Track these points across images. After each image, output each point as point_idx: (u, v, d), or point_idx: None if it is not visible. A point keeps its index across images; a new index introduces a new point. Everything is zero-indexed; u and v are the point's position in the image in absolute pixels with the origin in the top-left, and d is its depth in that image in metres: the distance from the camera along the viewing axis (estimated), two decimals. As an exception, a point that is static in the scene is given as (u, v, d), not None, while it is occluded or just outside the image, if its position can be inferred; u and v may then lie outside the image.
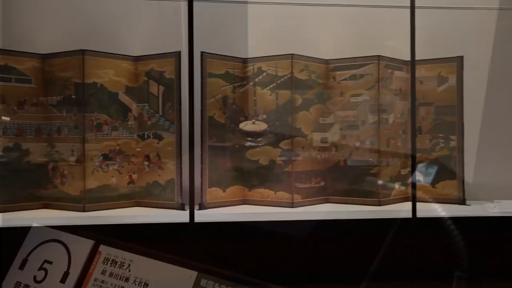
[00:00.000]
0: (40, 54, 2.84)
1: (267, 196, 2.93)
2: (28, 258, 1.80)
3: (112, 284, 1.70)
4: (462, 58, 2.98)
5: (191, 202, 2.58)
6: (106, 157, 2.81)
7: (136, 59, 2.92)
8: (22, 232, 2.43)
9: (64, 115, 2.78)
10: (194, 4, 2.61)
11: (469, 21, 3.22)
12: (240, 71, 2.99)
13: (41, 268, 1.75)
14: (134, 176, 2.91)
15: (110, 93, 2.83)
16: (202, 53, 2.81)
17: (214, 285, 1.62)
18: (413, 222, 2.66)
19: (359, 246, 2.61)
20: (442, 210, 2.85)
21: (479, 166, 3.15)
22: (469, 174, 3.00)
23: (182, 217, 2.62)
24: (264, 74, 2.95)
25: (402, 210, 2.80)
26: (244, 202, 2.99)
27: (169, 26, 3.07)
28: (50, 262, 1.76)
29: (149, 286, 1.67)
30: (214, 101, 2.89)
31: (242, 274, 2.52)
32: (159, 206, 2.83)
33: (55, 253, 1.78)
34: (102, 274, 1.73)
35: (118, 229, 2.54)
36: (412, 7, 2.71)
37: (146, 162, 2.89)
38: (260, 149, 2.95)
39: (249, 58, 3.00)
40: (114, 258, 1.72)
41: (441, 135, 3.02)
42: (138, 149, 2.91)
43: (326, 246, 2.60)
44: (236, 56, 2.99)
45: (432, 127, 3.05)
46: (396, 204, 2.99)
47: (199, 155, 2.80)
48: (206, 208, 2.81)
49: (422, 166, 3.04)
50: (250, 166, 2.97)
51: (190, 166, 2.58)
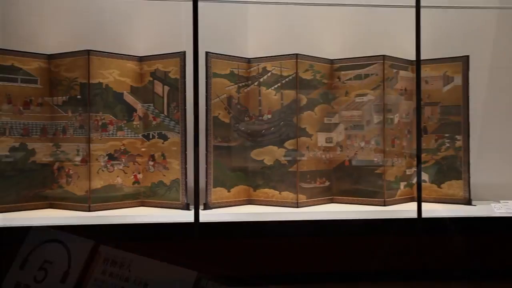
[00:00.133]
0: (46, 54, 2.86)
1: (272, 196, 2.93)
2: (28, 258, 1.80)
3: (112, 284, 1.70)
4: (467, 57, 2.96)
5: (196, 202, 2.59)
6: (111, 157, 2.82)
7: (141, 59, 2.93)
8: (27, 231, 2.47)
9: (69, 115, 2.80)
10: (199, 4, 2.61)
11: (474, 20, 3.20)
12: (244, 71, 2.99)
13: (41, 268, 1.75)
14: (139, 176, 2.92)
15: (115, 93, 2.84)
16: (206, 53, 2.82)
17: (214, 284, 1.62)
18: (418, 223, 2.64)
19: (363, 246, 2.60)
20: (447, 211, 2.83)
21: (485, 166, 3.13)
22: (475, 174, 2.98)
23: (187, 217, 2.62)
24: (268, 74, 2.95)
25: (407, 210, 2.79)
26: (248, 202, 2.99)
27: (174, 26, 3.08)
28: (50, 262, 1.75)
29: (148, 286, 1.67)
30: (219, 101, 2.89)
31: (246, 274, 2.54)
32: (164, 206, 2.84)
33: (55, 253, 1.78)
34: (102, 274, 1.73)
35: (123, 229, 2.55)
36: (417, 7, 2.69)
37: (151, 162, 2.90)
38: (265, 149, 2.95)
39: (253, 58, 3.00)
40: (114, 259, 1.72)
41: (446, 135, 3.00)
42: (143, 149, 2.92)
43: (330, 246, 2.59)
44: (240, 56, 2.99)
45: (437, 127, 3.03)
46: (401, 204, 2.98)
47: (204, 155, 2.80)
48: (211, 208, 2.81)
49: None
50: (255, 166, 2.97)
51: (195, 166, 2.59)
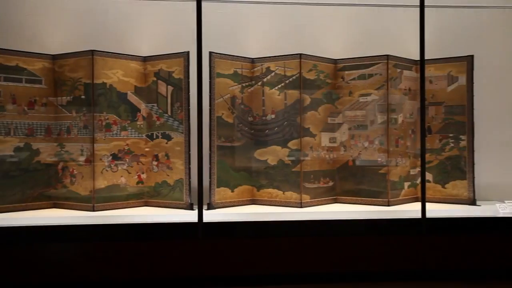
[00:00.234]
0: (50, 54, 2.86)
1: (276, 196, 2.93)
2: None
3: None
4: (472, 57, 2.95)
5: (200, 202, 2.58)
6: (115, 157, 2.83)
7: (145, 59, 2.94)
8: (33, 231, 2.47)
9: (73, 115, 2.80)
10: (203, 4, 2.61)
11: (479, 20, 3.20)
12: (248, 71, 2.99)
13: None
14: (143, 176, 2.92)
15: (119, 93, 2.85)
16: (210, 53, 2.82)
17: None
18: (422, 223, 2.64)
19: (367, 246, 2.60)
20: (452, 211, 2.83)
21: (490, 166, 3.12)
22: (479, 174, 2.97)
23: (190, 217, 2.62)
24: (272, 74, 2.95)
25: (412, 210, 2.78)
26: (252, 202, 2.99)
27: (177, 27, 3.08)
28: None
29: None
30: (223, 101, 2.89)
31: (249, 274, 2.53)
32: (168, 206, 2.84)
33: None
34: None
35: (127, 228, 2.55)
36: (421, 6, 2.69)
37: (155, 162, 2.90)
38: (268, 149, 2.95)
39: (257, 58, 3.00)
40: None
41: (451, 135, 3.00)
42: (147, 149, 2.92)
43: (334, 246, 2.58)
44: (244, 56, 2.99)
45: (441, 127, 3.02)
46: (405, 204, 2.97)
47: (208, 155, 2.80)
48: (214, 208, 2.81)
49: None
50: (259, 166, 2.96)
51: (199, 166, 2.59)
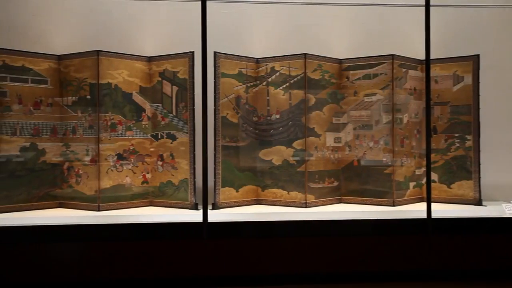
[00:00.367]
0: (56, 55, 2.87)
1: (280, 196, 2.93)
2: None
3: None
4: (478, 56, 2.94)
5: (205, 202, 2.59)
6: (120, 157, 2.84)
7: (149, 60, 2.94)
8: (39, 231, 2.49)
9: (79, 115, 2.81)
10: (207, 4, 2.62)
11: (485, 19, 3.18)
12: (253, 71, 2.99)
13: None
14: (148, 175, 2.93)
15: (124, 93, 2.86)
16: (215, 53, 2.82)
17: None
18: (428, 223, 2.63)
19: (372, 246, 2.59)
20: (457, 211, 2.82)
21: (496, 166, 3.10)
22: (485, 174, 2.95)
23: (195, 216, 2.63)
24: (277, 74, 2.94)
25: (417, 210, 2.77)
26: (257, 202, 2.99)
27: (182, 27, 3.08)
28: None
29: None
30: (227, 101, 2.89)
31: (254, 274, 2.54)
32: (173, 206, 2.85)
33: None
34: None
35: (132, 228, 2.56)
36: (427, 6, 2.68)
37: (160, 162, 2.91)
38: (273, 149, 2.95)
39: (262, 58, 3.00)
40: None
41: (456, 135, 2.98)
42: (152, 149, 2.93)
43: (339, 246, 2.58)
44: (249, 56, 2.99)
45: (447, 127, 3.01)
46: (410, 204, 2.96)
47: (212, 155, 2.80)
48: (219, 208, 2.81)
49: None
50: (263, 166, 2.96)
51: (204, 166, 2.59)
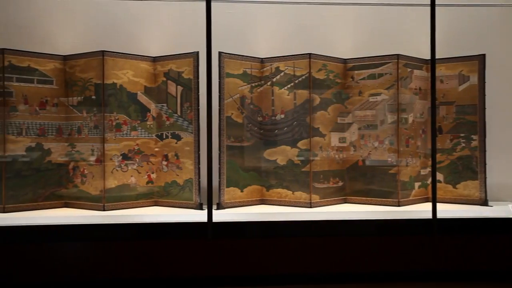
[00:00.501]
0: (61, 55, 2.89)
1: (285, 196, 2.93)
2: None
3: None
4: (484, 56, 2.92)
5: (209, 202, 2.59)
6: (125, 156, 2.84)
7: (154, 60, 2.95)
8: (44, 230, 2.50)
9: (84, 115, 2.82)
10: (212, 4, 2.62)
11: (491, 18, 3.16)
12: (257, 71, 2.99)
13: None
14: (153, 175, 2.94)
15: (129, 93, 2.86)
16: (220, 53, 2.82)
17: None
18: (433, 223, 2.62)
19: (377, 246, 2.59)
20: (463, 211, 2.80)
21: (502, 166, 3.09)
22: (491, 174, 2.94)
23: (200, 216, 2.63)
24: (281, 73, 2.94)
25: (422, 210, 2.76)
26: (261, 202, 2.99)
27: (187, 27, 3.09)
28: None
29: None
30: (232, 101, 2.90)
31: (259, 274, 2.54)
32: (178, 206, 2.85)
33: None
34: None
35: (137, 228, 2.57)
36: (432, 5, 2.67)
37: (165, 162, 2.92)
38: (277, 149, 2.95)
39: (266, 58, 2.99)
40: None
41: (462, 135, 2.97)
42: (157, 149, 2.94)
43: (344, 246, 2.58)
44: (253, 56, 2.99)
45: (453, 127, 3.00)
46: (415, 204, 2.95)
47: (217, 155, 2.81)
48: (224, 208, 2.81)
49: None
50: (268, 166, 2.96)
51: (208, 166, 2.59)
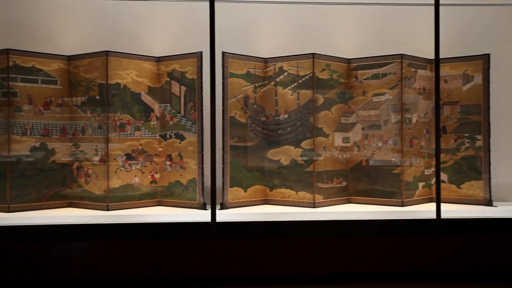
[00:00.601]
0: (65, 55, 2.90)
1: (289, 196, 2.93)
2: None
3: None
4: (488, 56, 2.91)
5: (213, 202, 2.59)
6: (129, 156, 2.85)
7: (158, 60, 2.95)
8: (48, 230, 2.51)
9: (88, 115, 2.83)
10: (215, 4, 2.62)
11: (495, 18, 3.15)
12: (261, 71, 2.99)
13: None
14: (157, 175, 2.94)
15: (133, 93, 2.87)
16: (223, 53, 2.82)
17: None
18: (437, 223, 2.61)
19: (381, 247, 2.58)
20: (467, 211, 2.79)
21: (507, 166, 3.08)
22: (495, 174, 2.93)
23: (203, 216, 2.63)
24: (285, 73, 2.94)
25: (426, 211, 2.76)
26: (265, 202, 2.99)
27: (190, 27, 3.09)
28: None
29: None
30: (235, 101, 2.90)
31: (262, 274, 2.54)
32: (181, 206, 2.86)
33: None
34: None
35: (141, 228, 2.58)
36: (436, 4, 2.66)
37: (168, 162, 2.92)
38: (281, 149, 2.95)
39: (270, 58, 2.99)
40: None
41: (466, 135, 2.96)
42: (160, 148, 2.94)
43: (348, 246, 2.57)
44: (257, 56, 2.99)
45: (457, 127, 2.99)
46: (419, 205, 2.94)
47: (221, 155, 2.81)
48: (227, 207, 2.82)
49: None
50: (271, 166, 2.96)
51: (212, 166, 2.60)
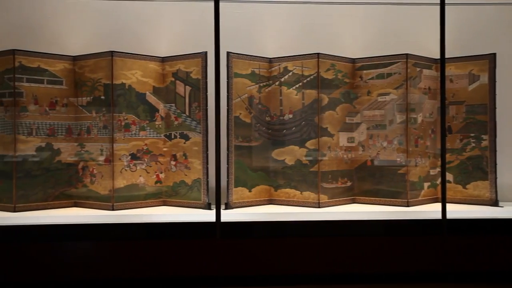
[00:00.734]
0: (71, 56, 2.91)
1: (293, 196, 2.92)
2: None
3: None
4: (494, 55, 2.89)
5: (218, 202, 2.60)
6: (134, 156, 2.86)
7: (163, 60, 2.96)
8: (54, 229, 2.52)
9: (93, 116, 2.84)
10: (220, 4, 2.62)
11: (501, 17, 3.13)
12: (266, 71, 2.99)
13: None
14: (161, 175, 2.95)
15: (138, 93, 2.88)
16: (228, 53, 2.82)
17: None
18: (443, 224, 2.60)
19: (386, 247, 2.57)
20: (473, 212, 2.78)
21: (512, 167, 3.06)
22: (502, 174, 2.91)
23: (208, 216, 2.64)
24: (290, 73, 2.94)
25: (432, 211, 2.75)
26: (270, 202, 2.99)
27: (195, 27, 3.10)
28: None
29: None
30: (240, 101, 2.90)
31: (267, 274, 2.53)
32: (186, 206, 2.86)
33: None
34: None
35: (146, 228, 2.58)
36: (442, 3, 2.65)
37: (173, 162, 2.93)
38: (286, 149, 2.94)
39: (274, 58, 2.99)
40: None
41: (472, 135, 2.94)
42: (165, 148, 2.95)
43: (352, 247, 2.57)
44: (261, 56, 2.99)
45: (462, 127, 2.97)
46: (425, 205, 2.93)
47: (225, 155, 2.81)
48: (232, 207, 2.82)
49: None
50: (276, 166, 2.96)
51: (216, 166, 2.60)
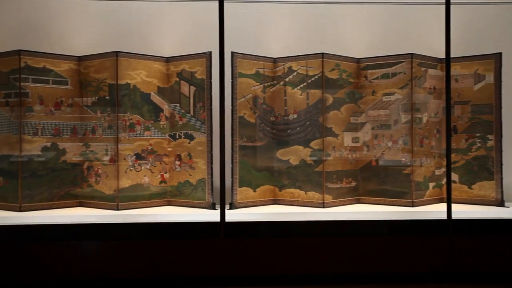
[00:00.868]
0: (76, 56, 2.92)
1: (298, 196, 2.92)
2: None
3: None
4: (500, 54, 2.88)
5: (222, 202, 2.60)
6: (138, 156, 2.86)
7: (167, 60, 2.96)
8: (59, 229, 2.53)
9: (98, 116, 2.85)
10: (225, 4, 2.62)
11: (507, 16, 3.12)
12: (270, 71, 2.98)
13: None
14: (166, 175, 2.95)
15: (143, 93, 2.88)
16: (232, 53, 2.82)
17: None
18: (448, 224, 2.59)
19: (391, 247, 2.57)
20: (478, 212, 2.77)
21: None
22: (507, 174, 2.90)
23: (213, 216, 2.64)
24: (294, 73, 2.93)
25: (437, 211, 2.74)
26: (274, 202, 2.99)
27: (200, 27, 3.10)
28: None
29: None
30: (245, 101, 2.90)
31: (271, 274, 2.53)
32: (190, 205, 2.86)
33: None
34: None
35: (151, 227, 2.59)
36: (447, 3, 2.64)
37: (178, 162, 2.93)
38: (290, 149, 2.94)
39: (279, 58, 2.99)
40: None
41: (477, 135, 2.93)
42: (170, 148, 2.95)
43: (357, 247, 2.56)
44: (266, 56, 2.99)
45: (468, 126, 2.96)
46: (430, 205, 2.92)
47: (230, 155, 2.81)
48: (236, 207, 2.82)
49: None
50: (281, 166, 2.96)
51: (221, 166, 2.60)
